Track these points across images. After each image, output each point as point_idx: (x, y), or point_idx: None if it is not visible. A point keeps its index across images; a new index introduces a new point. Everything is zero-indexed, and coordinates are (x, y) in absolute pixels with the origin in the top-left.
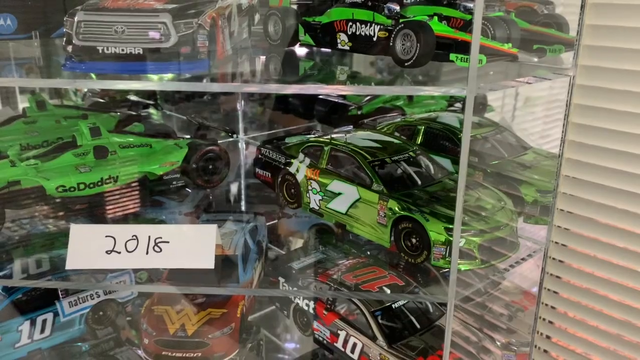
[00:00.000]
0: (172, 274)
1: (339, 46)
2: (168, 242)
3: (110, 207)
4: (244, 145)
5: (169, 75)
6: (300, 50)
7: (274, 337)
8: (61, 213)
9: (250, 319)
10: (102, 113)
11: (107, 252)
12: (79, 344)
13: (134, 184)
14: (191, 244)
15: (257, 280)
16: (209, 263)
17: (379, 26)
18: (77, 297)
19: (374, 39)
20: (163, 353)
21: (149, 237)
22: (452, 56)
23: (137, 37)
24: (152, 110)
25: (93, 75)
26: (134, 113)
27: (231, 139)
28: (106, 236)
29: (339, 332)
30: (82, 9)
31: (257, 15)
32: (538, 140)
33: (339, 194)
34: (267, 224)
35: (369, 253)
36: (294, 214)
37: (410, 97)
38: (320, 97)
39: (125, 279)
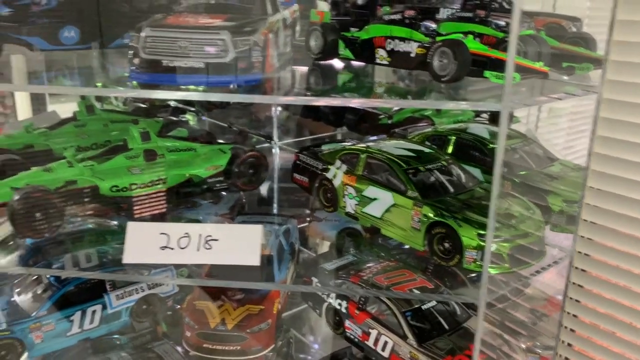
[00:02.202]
0: (214, 270)
1: (377, 61)
2: (217, 240)
3: (157, 206)
4: (278, 151)
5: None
6: (339, 64)
7: (302, 336)
8: (111, 211)
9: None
10: (146, 118)
11: (161, 248)
12: (116, 336)
13: (180, 186)
14: (239, 242)
15: (290, 280)
16: (255, 260)
17: (416, 43)
18: (123, 290)
19: (412, 55)
20: (204, 345)
21: (200, 235)
22: (487, 73)
23: (199, 52)
24: (189, 116)
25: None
26: (175, 118)
27: (266, 145)
28: (160, 233)
29: (370, 330)
30: (148, 25)
31: (298, 27)
32: (562, 151)
33: (375, 199)
34: (298, 226)
35: (397, 257)
36: (324, 218)
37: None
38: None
39: (168, 274)
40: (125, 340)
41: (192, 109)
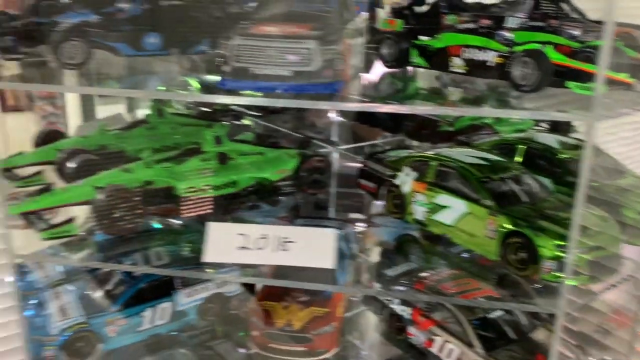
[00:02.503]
0: (280, 270)
1: (452, 69)
2: (294, 242)
3: (228, 208)
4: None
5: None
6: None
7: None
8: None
9: None
10: (213, 122)
11: (239, 248)
12: (174, 333)
13: (249, 188)
14: (313, 245)
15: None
16: (329, 263)
17: (494, 52)
18: (191, 289)
19: (489, 64)
20: (270, 345)
21: (277, 236)
22: (570, 84)
23: (287, 60)
24: (247, 121)
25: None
26: (238, 123)
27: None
28: (239, 234)
29: (435, 337)
30: (238, 34)
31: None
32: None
33: (446, 207)
34: (356, 232)
35: (460, 265)
36: (382, 224)
37: None
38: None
39: (234, 273)
40: (185, 337)
41: (255, 113)
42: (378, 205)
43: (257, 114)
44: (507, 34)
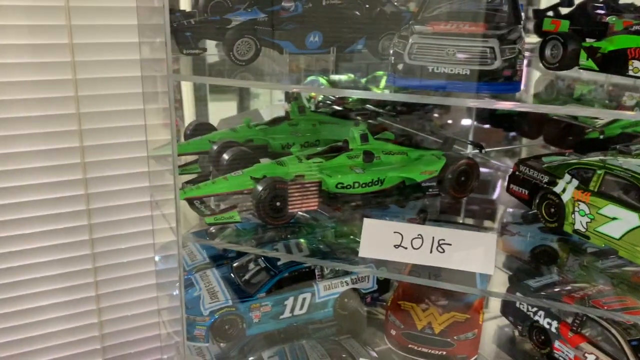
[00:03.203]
0: (416, 269)
1: (631, 72)
2: (450, 244)
3: (372, 205)
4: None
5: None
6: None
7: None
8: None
9: None
10: (351, 120)
11: (394, 246)
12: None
13: (393, 188)
14: (472, 249)
15: None
16: (489, 269)
17: None
18: (330, 282)
19: None
20: (409, 346)
21: (433, 237)
22: None
23: (467, 59)
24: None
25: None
26: (373, 122)
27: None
28: (394, 232)
29: (586, 355)
30: (415, 32)
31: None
32: None
33: (614, 218)
34: None
35: (612, 281)
36: (518, 232)
37: None
38: (553, 116)
39: (369, 269)
40: (311, 329)
41: (392, 113)
42: (510, 213)
43: (390, 113)
44: None
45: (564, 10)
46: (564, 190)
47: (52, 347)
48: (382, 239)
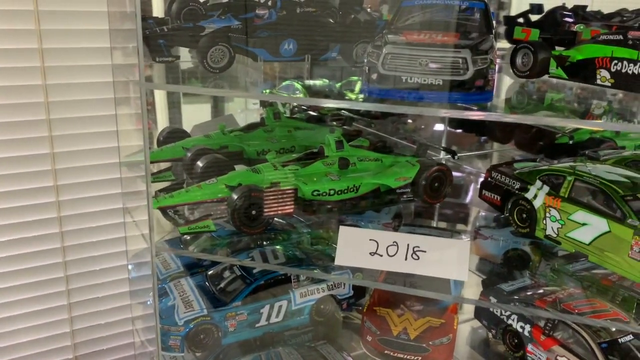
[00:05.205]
0: (390, 276)
1: (599, 82)
2: (425, 251)
3: (348, 210)
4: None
5: None
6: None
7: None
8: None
9: None
10: (327, 125)
11: (370, 253)
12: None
13: (368, 194)
14: (446, 256)
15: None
16: (463, 275)
17: None
18: (307, 288)
19: None
20: (385, 352)
21: (408, 245)
22: None
23: (440, 70)
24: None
25: None
26: (348, 127)
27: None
28: (370, 239)
29: (558, 358)
30: (389, 42)
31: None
32: None
33: (584, 224)
34: None
35: (582, 285)
36: (490, 236)
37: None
38: None
39: (345, 276)
40: (286, 336)
41: (367, 118)
42: (483, 217)
43: (366, 118)
44: None
45: (534, 17)
46: (535, 197)
47: (22, 358)
48: (357, 247)
